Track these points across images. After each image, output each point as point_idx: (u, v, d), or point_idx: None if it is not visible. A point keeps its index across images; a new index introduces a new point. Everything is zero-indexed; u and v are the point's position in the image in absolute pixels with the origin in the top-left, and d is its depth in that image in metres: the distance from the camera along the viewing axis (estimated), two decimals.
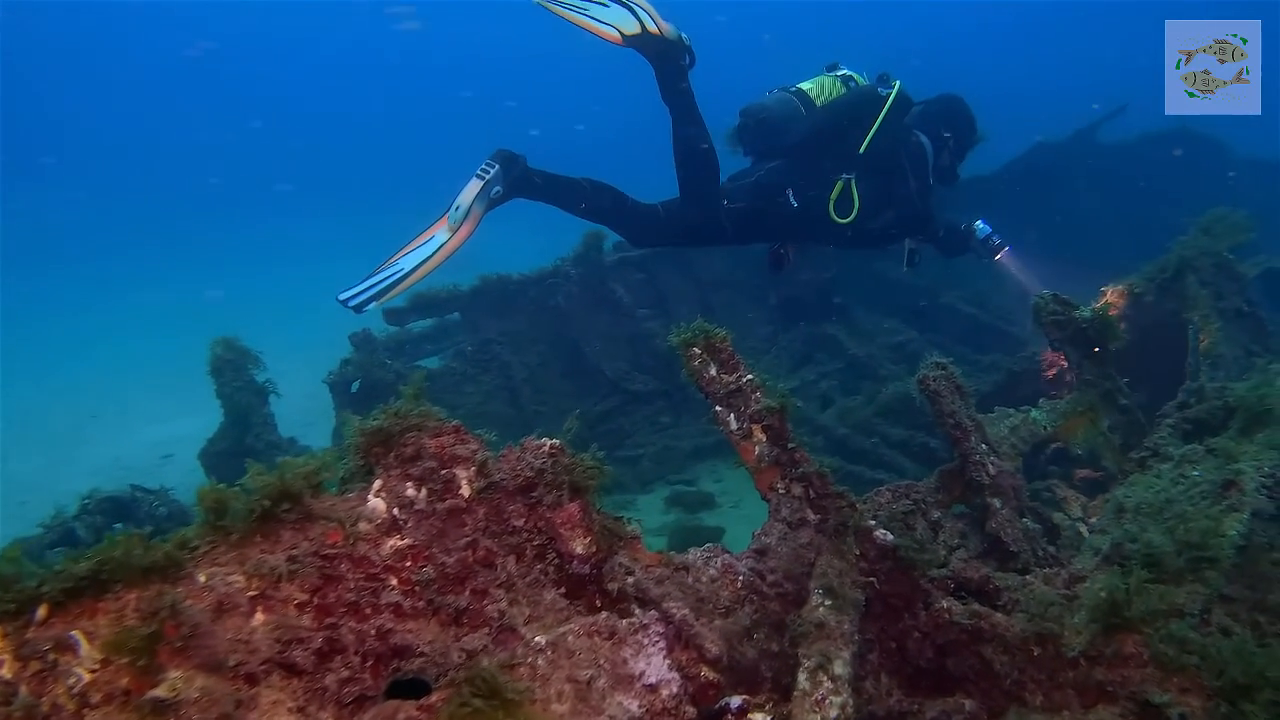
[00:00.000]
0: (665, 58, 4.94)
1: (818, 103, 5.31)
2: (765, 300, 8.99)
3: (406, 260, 4.84)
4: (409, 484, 1.95)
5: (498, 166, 4.83)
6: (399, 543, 1.89)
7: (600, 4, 4.89)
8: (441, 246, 4.81)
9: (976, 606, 2.37)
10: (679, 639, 2.00)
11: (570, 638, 1.86)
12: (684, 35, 5.00)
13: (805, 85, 5.40)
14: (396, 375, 6.95)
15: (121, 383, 12.96)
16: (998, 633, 2.29)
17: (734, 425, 2.69)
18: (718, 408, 2.71)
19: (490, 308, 7.81)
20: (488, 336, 7.67)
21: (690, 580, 2.32)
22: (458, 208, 4.79)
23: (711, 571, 2.36)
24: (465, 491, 2.00)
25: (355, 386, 6.94)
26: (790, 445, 2.66)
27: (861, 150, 5.26)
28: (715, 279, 8.88)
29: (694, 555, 2.39)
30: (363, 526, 1.87)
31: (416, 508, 1.94)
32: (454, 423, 2.08)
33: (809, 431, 7.04)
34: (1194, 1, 7.83)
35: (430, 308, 7.60)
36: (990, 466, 3.05)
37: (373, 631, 1.76)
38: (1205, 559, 2.45)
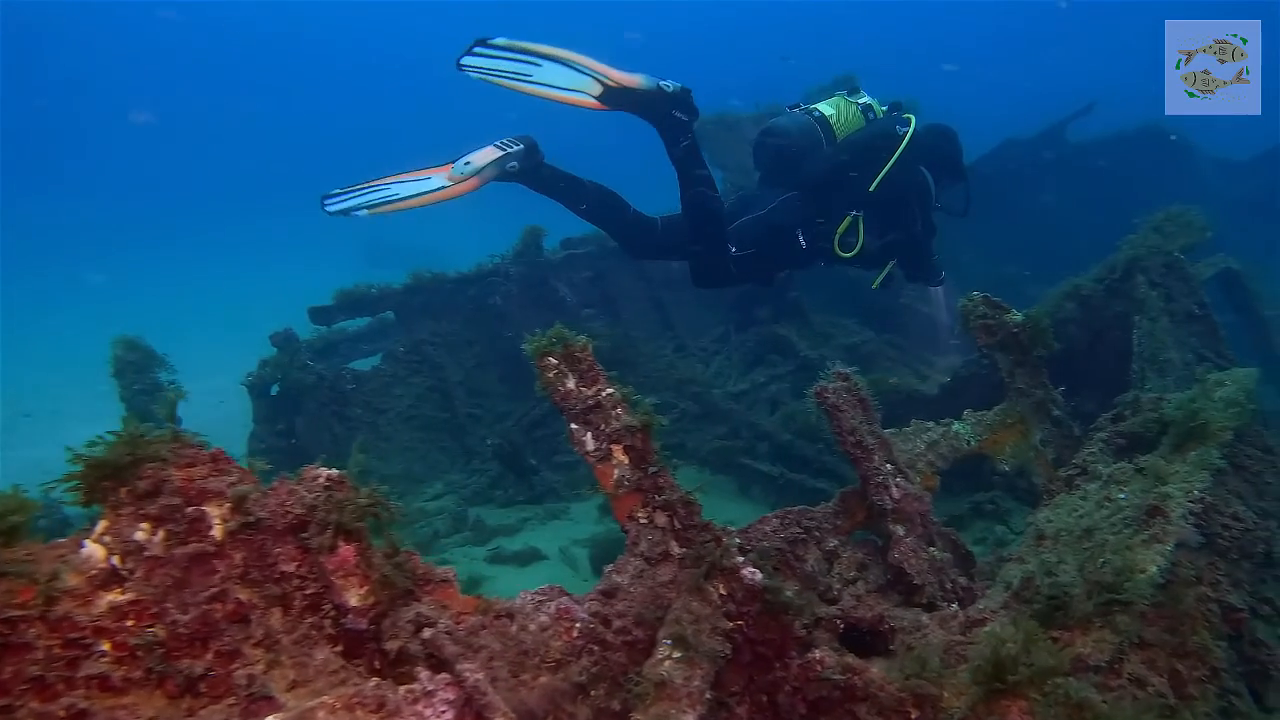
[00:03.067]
0: (655, 115, 4.88)
1: (838, 133, 5.27)
2: (719, 299, 8.68)
3: (401, 187, 4.83)
4: (142, 525, 1.62)
5: (522, 148, 4.85)
6: (118, 598, 1.56)
7: (532, 64, 4.80)
8: (439, 189, 4.82)
9: (850, 659, 2.06)
10: (470, 709, 1.67)
11: (322, 713, 1.53)
12: (666, 83, 4.88)
13: (826, 110, 5.34)
14: (319, 377, 6.60)
15: (65, 381, 12.52)
16: (871, 691, 1.97)
17: (590, 445, 2.36)
18: (573, 425, 2.39)
19: (425, 307, 7.45)
20: (421, 337, 7.32)
21: (515, 629, 1.99)
22: (467, 163, 4.77)
23: (542, 618, 2.03)
24: (217, 532, 1.67)
25: (275, 389, 6.59)
26: (653, 469, 2.35)
27: (871, 189, 5.22)
28: (666, 277, 8.56)
29: (523, 599, 2.06)
30: (69, 580, 1.53)
31: (148, 554, 1.60)
32: (213, 449, 1.74)
33: (753, 437, 6.75)
34: (1194, 1, 7.61)
35: (359, 306, 7.24)
36: (894, 489, 2.74)
37: (61, 712, 1.43)
38: (1118, 602, 2.14)
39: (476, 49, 4.77)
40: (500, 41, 4.78)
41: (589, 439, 2.38)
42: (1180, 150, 10.38)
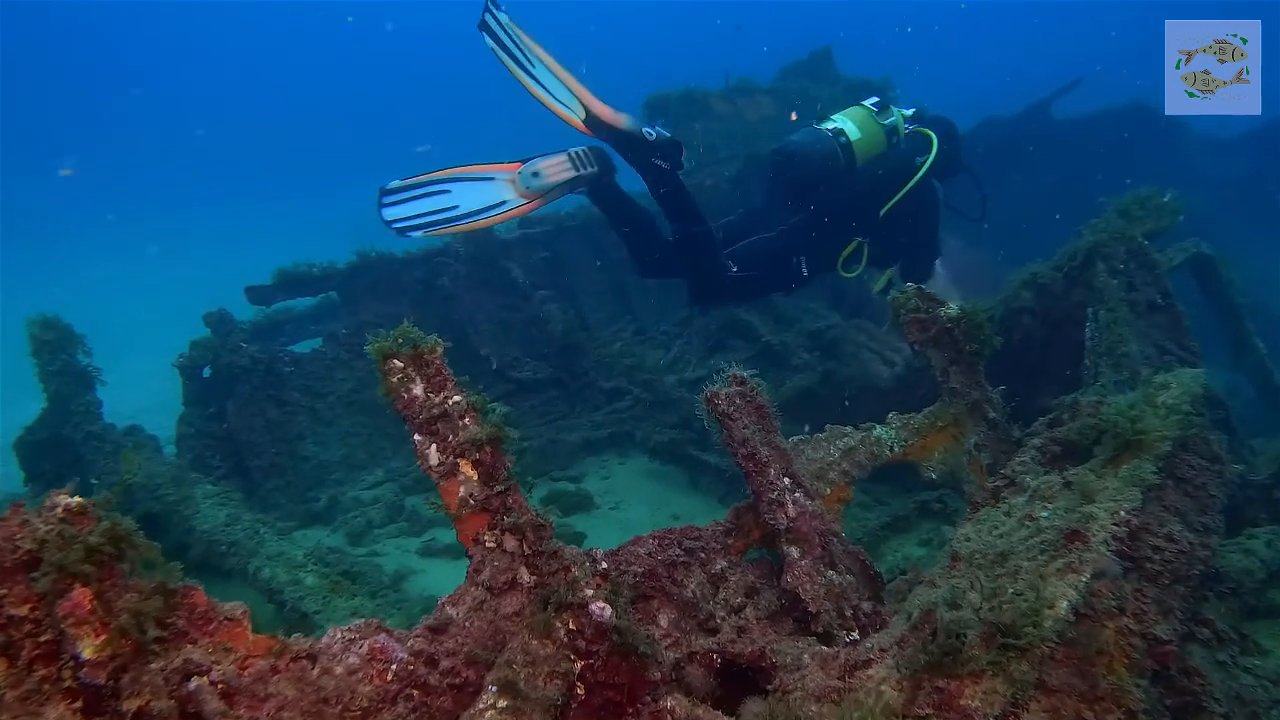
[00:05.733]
0: (634, 158, 4.64)
1: (859, 159, 5.11)
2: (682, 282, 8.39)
3: (464, 194, 4.56)
4: None
5: (596, 170, 4.65)
6: None
7: (528, 60, 4.53)
8: (505, 206, 4.61)
9: (701, 711, 1.80)
10: None
11: None
12: (649, 130, 4.62)
13: (851, 132, 5.13)
14: (252, 360, 6.32)
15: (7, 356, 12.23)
16: None
17: (434, 459, 2.10)
18: (417, 436, 2.12)
19: (370, 288, 7.16)
20: (365, 318, 7.04)
21: (315, 673, 1.73)
22: (536, 175, 4.56)
23: (351, 659, 1.77)
24: None
25: (207, 371, 6.31)
26: (501, 486, 2.08)
27: (880, 214, 5.13)
28: (627, 259, 8.27)
29: (331, 637, 1.80)
30: None
31: None
32: None
33: (704, 427, 6.48)
34: (1194, 1, 7.38)
35: (300, 286, 6.94)
36: (790, 507, 2.48)
37: None
38: (1015, 648, 1.89)
39: (489, 13, 4.47)
40: (503, 18, 4.49)
41: (433, 452, 2.11)
42: (1168, 128, 10.04)
